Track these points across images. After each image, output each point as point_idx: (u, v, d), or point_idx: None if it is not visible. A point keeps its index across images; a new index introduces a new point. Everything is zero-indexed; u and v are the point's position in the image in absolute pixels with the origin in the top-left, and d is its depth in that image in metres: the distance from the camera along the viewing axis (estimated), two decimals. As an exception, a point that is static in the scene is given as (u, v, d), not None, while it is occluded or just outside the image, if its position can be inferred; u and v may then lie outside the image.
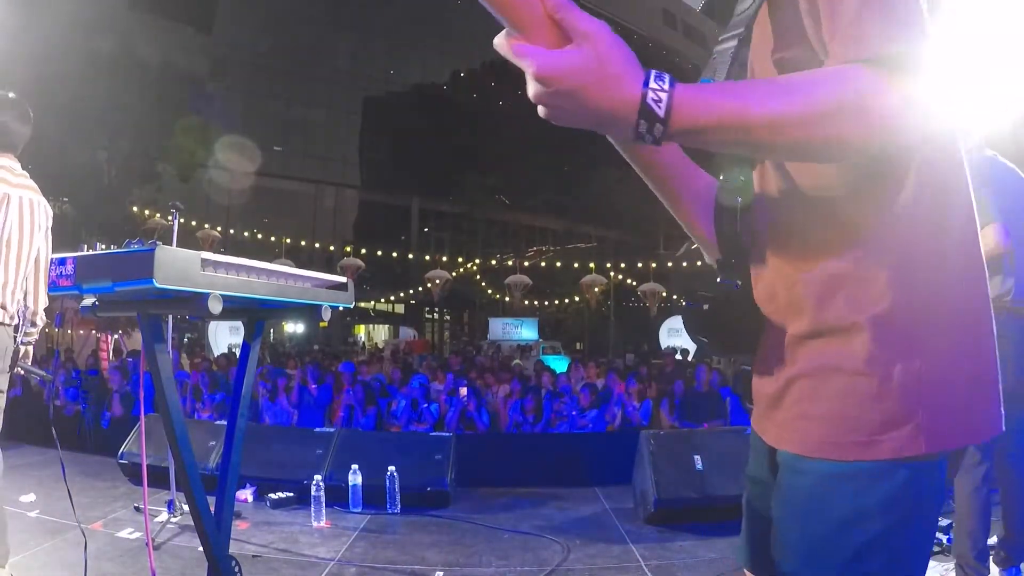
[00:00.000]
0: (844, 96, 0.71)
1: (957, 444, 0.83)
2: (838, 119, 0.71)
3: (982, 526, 2.64)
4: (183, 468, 1.78)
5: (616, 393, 6.42)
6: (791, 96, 0.72)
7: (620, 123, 0.72)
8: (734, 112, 0.72)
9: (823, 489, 0.83)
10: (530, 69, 0.73)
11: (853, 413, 0.81)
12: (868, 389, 0.80)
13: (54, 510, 3.67)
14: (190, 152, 17.02)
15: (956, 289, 0.83)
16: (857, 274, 0.81)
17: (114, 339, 10.58)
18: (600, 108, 0.71)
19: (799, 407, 0.86)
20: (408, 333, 22.70)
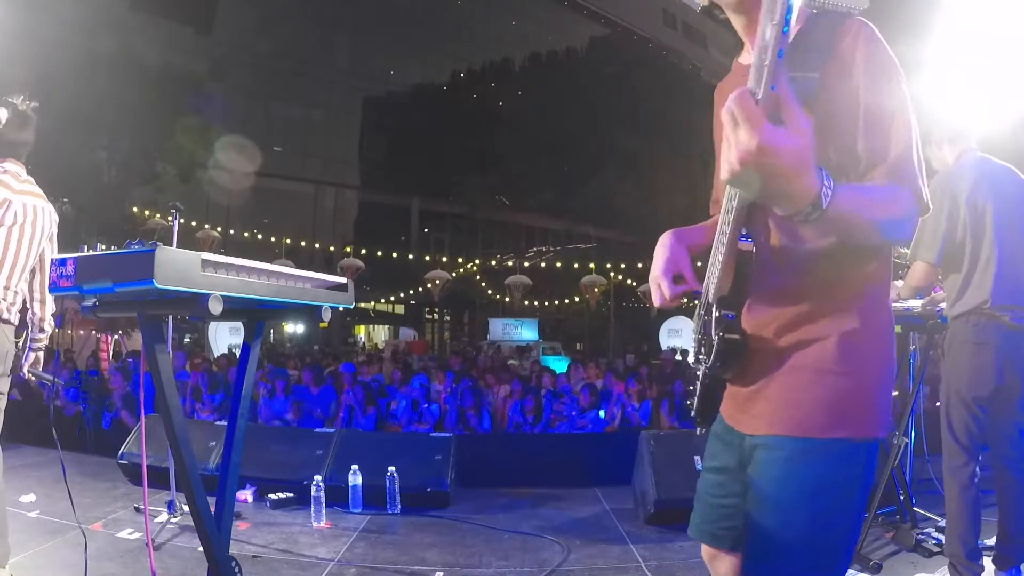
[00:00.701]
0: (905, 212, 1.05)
1: (885, 432, 1.14)
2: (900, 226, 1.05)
3: (972, 526, 2.66)
4: (183, 468, 1.78)
5: (615, 393, 6.42)
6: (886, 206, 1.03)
7: (795, 204, 0.92)
8: (859, 210, 1.00)
9: (795, 461, 1.12)
10: (755, 137, 0.84)
11: (825, 402, 1.12)
12: (834, 383, 1.11)
13: (54, 510, 3.67)
14: (190, 152, 17.02)
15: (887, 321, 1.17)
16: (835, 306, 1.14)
17: (114, 340, 10.57)
18: (789, 188, 0.90)
19: (776, 399, 1.16)
20: (408, 333, 22.68)
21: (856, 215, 0.98)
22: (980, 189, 2.67)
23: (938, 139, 2.90)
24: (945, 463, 2.77)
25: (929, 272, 2.75)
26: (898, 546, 3.34)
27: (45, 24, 10.06)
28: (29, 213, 2.70)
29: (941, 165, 2.90)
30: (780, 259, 1.18)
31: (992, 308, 2.59)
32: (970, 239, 2.66)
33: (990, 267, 2.62)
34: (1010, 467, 2.71)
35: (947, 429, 2.75)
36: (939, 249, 2.68)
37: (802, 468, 1.11)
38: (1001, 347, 2.59)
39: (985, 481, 2.75)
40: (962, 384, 2.67)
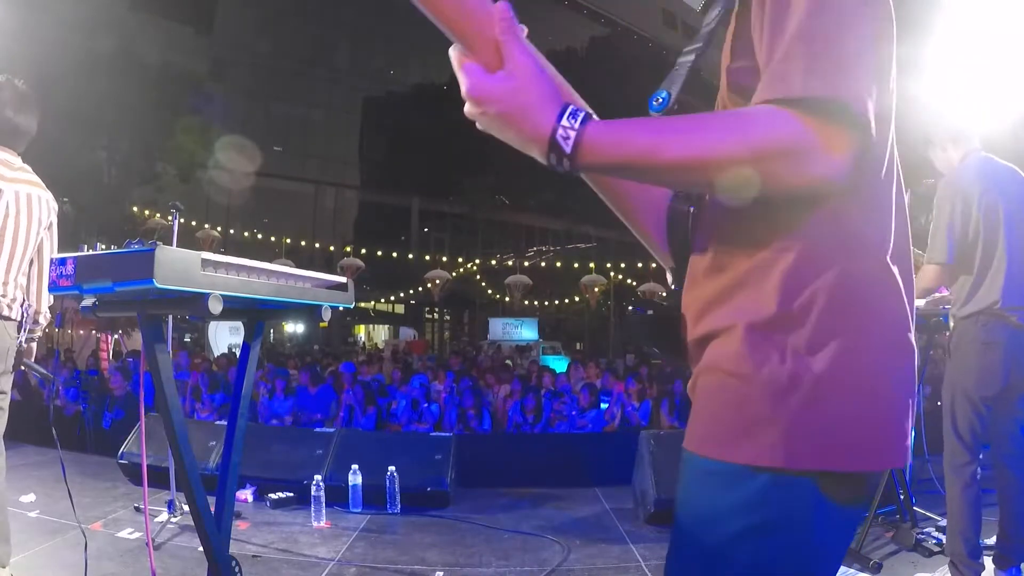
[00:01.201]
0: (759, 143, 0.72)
1: (826, 467, 0.76)
2: (748, 166, 0.72)
3: (973, 524, 2.67)
4: (183, 468, 1.78)
5: (615, 393, 6.42)
6: (702, 139, 0.74)
7: (535, 151, 0.78)
8: (644, 152, 0.75)
9: (697, 483, 0.84)
10: (463, 88, 0.79)
11: (722, 412, 0.81)
12: (736, 391, 0.79)
13: (54, 510, 3.67)
14: (190, 152, 17.02)
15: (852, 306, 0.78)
16: (748, 280, 0.81)
17: (114, 339, 10.58)
18: (519, 135, 0.77)
19: (695, 402, 0.88)
20: (408, 333, 22.68)
21: (641, 157, 0.74)
22: (992, 191, 2.68)
23: (942, 140, 2.90)
24: (947, 461, 2.77)
25: (940, 273, 2.74)
26: (898, 546, 3.34)
27: (45, 24, 10.06)
28: (23, 202, 2.56)
29: (946, 166, 2.90)
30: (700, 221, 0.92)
31: (1002, 308, 2.61)
32: (982, 240, 2.67)
33: (1001, 268, 2.63)
34: (1011, 465, 2.72)
35: (951, 427, 2.75)
36: (950, 249, 2.68)
37: (698, 495, 0.83)
38: (1008, 347, 2.61)
39: (986, 480, 2.75)
40: (969, 383, 2.68)
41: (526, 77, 0.77)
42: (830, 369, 0.76)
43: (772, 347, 0.78)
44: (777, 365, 0.77)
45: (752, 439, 0.77)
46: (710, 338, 0.84)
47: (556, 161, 0.76)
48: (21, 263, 2.59)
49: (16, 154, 2.63)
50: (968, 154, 2.83)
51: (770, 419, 0.76)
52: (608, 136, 0.75)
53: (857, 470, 0.78)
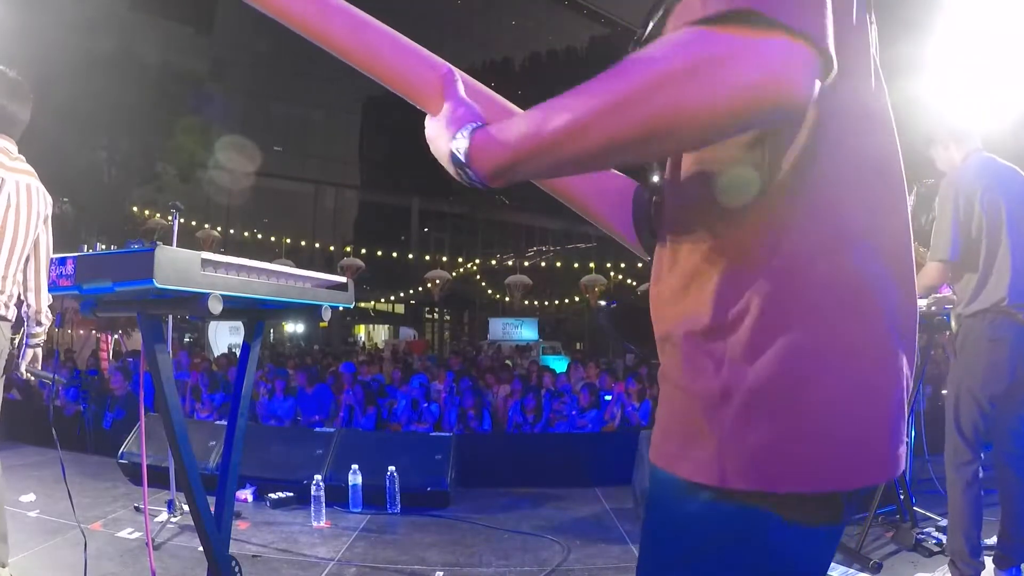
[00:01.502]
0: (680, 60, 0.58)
1: (762, 487, 0.68)
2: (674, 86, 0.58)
3: (975, 523, 2.67)
4: (183, 468, 1.78)
5: (616, 393, 6.42)
6: (592, 90, 0.63)
7: (452, 173, 0.77)
8: (528, 135, 0.67)
9: (655, 491, 0.79)
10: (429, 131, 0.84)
11: (670, 424, 0.77)
12: (679, 402, 0.76)
13: (54, 510, 3.67)
14: (190, 152, 17.01)
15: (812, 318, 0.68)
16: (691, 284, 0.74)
17: (114, 339, 10.57)
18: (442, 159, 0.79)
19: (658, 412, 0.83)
20: (408, 333, 22.67)
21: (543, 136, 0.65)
22: (993, 189, 2.69)
23: (944, 139, 2.91)
24: (949, 460, 2.77)
25: (943, 271, 2.76)
26: (898, 546, 3.34)
27: (45, 24, 10.06)
28: (23, 193, 2.45)
29: (948, 165, 2.91)
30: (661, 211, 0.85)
31: (1009, 306, 2.62)
32: (986, 238, 2.68)
33: (1006, 266, 2.64)
34: (1012, 464, 2.72)
35: (954, 425, 2.75)
36: (953, 247, 2.69)
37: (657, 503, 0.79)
38: (1015, 344, 2.62)
39: (987, 481, 2.75)
40: (976, 381, 2.69)
41: (446, 109, 0.82)
42: (768, 381, 0.67)
43: (707, 357, 0.71)
44: (711, 377, 0.70)
45: (691, 454, 0.72)
46: (664, 341, 0.80)
47: (464, 176, 0.75)
48: (20, 259, 2.48)
49: (13, 143, 2.53)
50: (970, 153, 2.84)
51: (706, 434, 0.70)
52: (497, 131, 0.71)
53: (796, 491, 0.68)
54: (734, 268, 0.70)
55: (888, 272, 0.73)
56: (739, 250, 0.71)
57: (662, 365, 0.80)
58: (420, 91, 0.88)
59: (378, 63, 0.90)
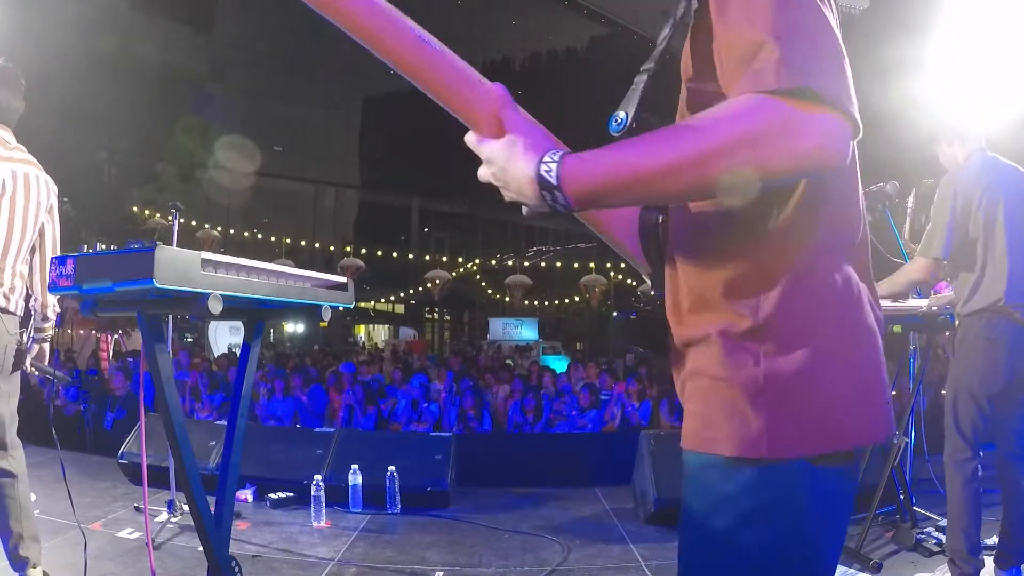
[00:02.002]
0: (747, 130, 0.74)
1: (804, 453, 0.85)
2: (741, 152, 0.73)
3: (974, 521, 2.68)
4: (183, 468, 1.78)
5: (616, 393, 6.42)
6: (688, 137, 0.76)
7: (530, 194, 0.83)
8: (626, 166, 0.77)
9: (695, 476, 0.92)
10: (481, 152, 0.89)
11: (711, 412, 0.90)
12: (721, 393, 0.88)
13: (54, 510, 3.66)
14: (190, 152, 17.01)
15: (813, 313, 0.86)
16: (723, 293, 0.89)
17: (114, 339, 10.57)
18: (516, 182, 0.84)
19: (686, 405, 0.96)
20: (408, 333, 22.67)
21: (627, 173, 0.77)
22: (993, 189, 2.70)
23: (948, 136, 2.91)
24: (949, 458, 2.77)
25: (930, 267, 2.77)
26: (898, 545, 3.34)
27: (45, 24, 10.05)
28: (20, 182, 2.36)
29: (951, 162, 2.92)
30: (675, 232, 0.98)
31: (1006, 305, 2.62)
32: (983, 238, 2.69)
33: (1003, 265, 2.65)
34: (1015, 463, 2.73)
35: (952, 423, 2.76)
36: (946, 244, 2.70)
37: (697, 487, 0.92)
38: (1012, 343, 2.63)
39: (987, 480, 2.76)
40: (974, 380, 2.69)
41: (517, 133, 0.86)
42: (798, 371, 0.84)
43: (747, 353, 0.86)
44: (752, 369, 0.85)
45: (738, 434, 0.86)
46: (690, 344, 0.94)
47: (550, 198, 0.82)
48: (20, 249, 2.40)
49: (10, 131, 2.48)
50: (972, 153, 2.84)
51: (752, 416, 0.85)
52: (589, 159, 0.80)
53: (831, 451, 0.87)
54: (763, 279, 0.86)
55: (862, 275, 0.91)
56: (767, 264, 0.86)
57: (692, 364, 0.93)
58: (472, 108, 0.92)
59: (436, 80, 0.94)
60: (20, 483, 2.49)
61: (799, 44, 0.75)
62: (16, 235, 2.39)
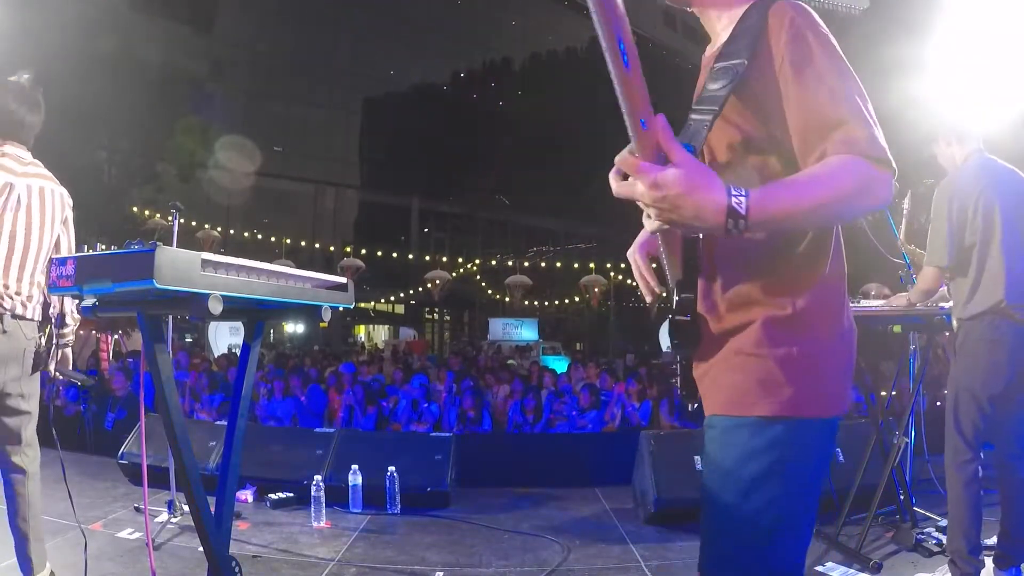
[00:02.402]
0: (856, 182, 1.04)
1: (814, 414, 1.15)
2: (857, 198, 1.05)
3: (974, 522, 2.68)
4: (183, 468, 1.78)
5: (616, 394, 6.42)
6: (827, 186, 1.04)
7: (711, 221, 1.00)
8: (791, 202, 1.03)
9: (725, 436, 1.17)
10: (648, 178, 0.99)
11: (746, 382, 1.15)
12: (757, 366, 1.15)
13: (54, 510, 3.65)
14: (190, 152, 17.01)
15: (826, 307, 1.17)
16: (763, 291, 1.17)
17: (114, 339, 10.57)
18: (696, 208, 0.99)
19: (715, 380, 1.20)
20: (408, 333, 22.66)
21: (791, 208, 1.03)
22: (989, 192, 2.71)
23: (946, 136, 2.92)
24: (949, 459, 2.77)
25: (938, 276, 2.80)
26: (898, 546, 3.34)
27: (45, 24, 10.06)
28: (35, 196, 2.49)
29: (950, 163, 2.92)
30: (715, 247, 1.22)
31: (1007, 306, 2.63)
32: (980, 241, 2.70)
33: (1001, 268, 2.66)
34: (1015, 463, 2.73)
35: (953, 425, 2.76)
36: (949, 252, 2.72)
37: (728, 445, 1.16)
38: (1013, 345, 2.64)
39: (987, 481, 2.76)
40: (976, 381, 2.70)
41: (694, 168, 1.00)
42: (820, 350, 1.15)
43: (785, 333, 1.14)
44: (789, 346, 1.14)
45: (771, 399, 1.13)
46: (732, 333, 1.19)
47: (734, 224, 1.00)
48: (37, 260, 2.51)
49: (26, 149, 2.58)
50: (970, 155, 2.85)
51: (784, 383, 1.13)
52: (766, 196, 1.02)
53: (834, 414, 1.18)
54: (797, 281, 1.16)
55: None
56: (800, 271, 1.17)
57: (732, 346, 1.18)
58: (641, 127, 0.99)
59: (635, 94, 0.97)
60: (31, 481, 2.51)
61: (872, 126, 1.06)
62: (33, 246, 2.50)
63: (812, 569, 3.09)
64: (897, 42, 6.65)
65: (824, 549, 3.32)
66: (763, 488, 1.12)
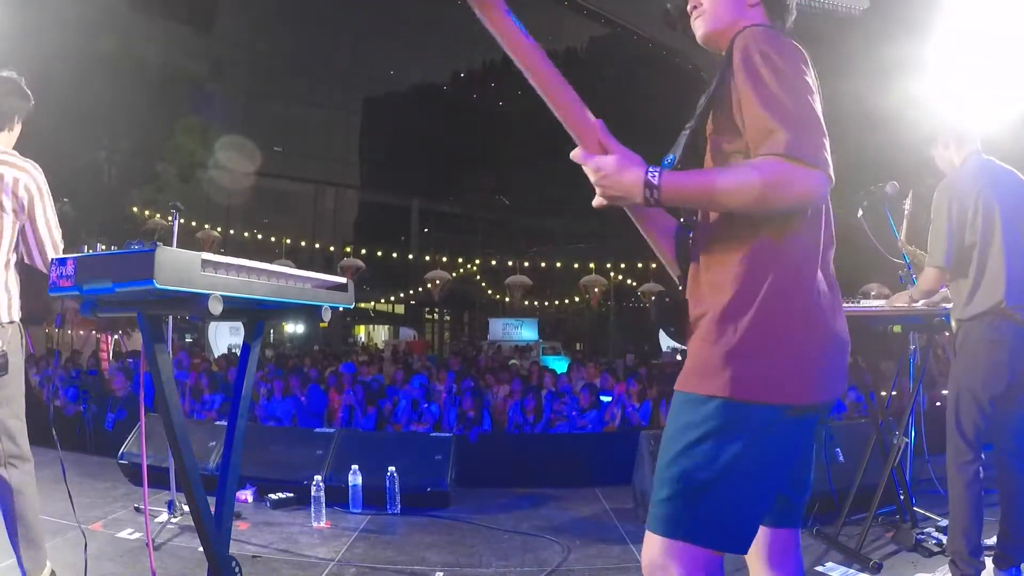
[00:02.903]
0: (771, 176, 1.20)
1: (748, 398, 1.25)
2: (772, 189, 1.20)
3: (975, 523, 2.68)
4: (183, 468, 1.79)
5: (616, 393, 6.42)
6: (737, 175, 1.23)
7: (635, 192, 1.26)
8: (702, 183, 1.27)
9: (676, 408, 1.33)
10: (592, 163, 1.31)
11: (694, 363, 1.32)
12: (705, 350, 1.30)
13: (54, 510, 3.65)
14: (190, 152, 17.00)
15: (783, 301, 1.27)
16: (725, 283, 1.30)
17: (114, 340, 10.58)
18: (625, 184, 1.27)
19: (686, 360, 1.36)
20: (408, 333, 22.66)
21: (701, 187, 1.25)
22: (988, 192, 2.71)
23: (944, 139, 2.92)
24: (951, 460, 2.77)
25: (939, 277, 2.79)
26: (898, 546, 3.34)
27: (45, 24, 10.05)
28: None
29: (948, 166, 2.92)
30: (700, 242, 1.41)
31: (1007, 307, 2.63)
32: (979, 242, 2.70)
33: (1000, 268, 2.66)
34: (1014, 463, 2.73)
35: (955, 426, 2.76)
36: (947, 253, 2.72)
37: (674, 415, 1.32)
38: (1013, 345, 2.64)
39: (987, 481, 2.76)
40: (976, 382, 2.70)
41: (625, 154, 1.30)
42: (760, 339, 1.26)
43: (730, 324, 1.28)
44: (731, 336, 1.27)
45: (712, 380, 1.27)
46: (699, 318, 1.35)
47: (650, 194, 1.25)
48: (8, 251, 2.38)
49: None
50: (968, 157, 2.85)
51: (723, 368, 1.26)
52: (677, 175, 1.26)
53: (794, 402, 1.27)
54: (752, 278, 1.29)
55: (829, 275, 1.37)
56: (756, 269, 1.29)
57: (695, 331, 1.34)
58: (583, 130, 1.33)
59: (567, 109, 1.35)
60: (18, 496, 2.38)
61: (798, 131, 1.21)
62: None
63: (812, 569, 3.09)
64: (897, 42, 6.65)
65: (824, 549, 3.32)
66: (691, 456, 1.26)
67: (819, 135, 1.21)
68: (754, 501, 1.27)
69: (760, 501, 1.28)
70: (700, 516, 1.25)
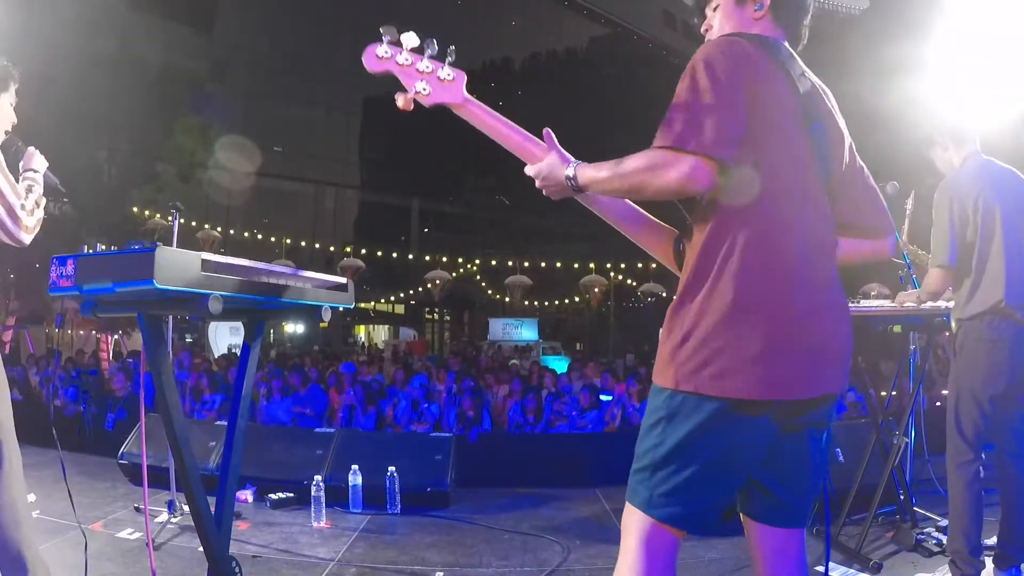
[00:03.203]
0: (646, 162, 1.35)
1: (691, 390, 1.34)
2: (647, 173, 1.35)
3: (975, 522, 2.68)
4: (183, 468, 1.79)
5: (616, 394, 6.41)
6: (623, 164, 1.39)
7: (563, 184, 1.52)
8: (603, 171, 1.43)
9: (649, 395, 1.46)
10: (533, 171, 1.60)
11: (656, 359, 1.43)
12: (664, 347, 1.41)
13: (54, 510, 3.66)
14: (190, 152, 16.98)
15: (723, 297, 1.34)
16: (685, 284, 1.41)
17: (114, 340, 10.58)
18: (556, 176, 1.53)
19: None
20: (408, 333, 22.67)
21: (603, 175, 1.43)
22: (989, 192, 2.71)
23: (943, 140, 2.92)
24: (951, 460, 2.77)
25: (945, 276, 2.79)
26: (898, 546, 3.34)
27: (45, 24, 10.05)
28: None
29: (947, 167, 2.92)
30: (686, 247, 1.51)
31: (1007, 307, 2.63)
32: (980, 241, 2.71)
33: (1000, 268, 2.66)
34: (1014, 463, 2.73)
35: (955, 426, 2.76)
36: (951, 252, 2.73)
37: (647, 401, 1.47)
38: (1013, 344, 2.64)
39: (987, 481, 2.76)
40: (976, 382, 2.70)
41: (556, 156, 1.56)
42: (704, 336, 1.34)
43: (676, 324, 1.40)
44: (677, 334, 1.38)
45: (662, 372, 1.40)
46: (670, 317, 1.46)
47: (570, 184, 1.50)
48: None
49: None
50: (968, 157, 2.85)
51: (669, 362, 1.38)
52: (589, 167, 1.47)
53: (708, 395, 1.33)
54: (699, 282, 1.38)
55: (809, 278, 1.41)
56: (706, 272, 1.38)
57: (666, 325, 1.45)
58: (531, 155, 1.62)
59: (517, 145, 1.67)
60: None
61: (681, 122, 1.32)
62: None
63: (812, 569, 3.09)
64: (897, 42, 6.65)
65: (824, 549, 3.32)
66: (649, 437, 1.40)
67: (705, 124, 1.30)
68: (703, 485, 1.35)
69: (710, 486, 1.37)
70: (653, 490, 1.38)
